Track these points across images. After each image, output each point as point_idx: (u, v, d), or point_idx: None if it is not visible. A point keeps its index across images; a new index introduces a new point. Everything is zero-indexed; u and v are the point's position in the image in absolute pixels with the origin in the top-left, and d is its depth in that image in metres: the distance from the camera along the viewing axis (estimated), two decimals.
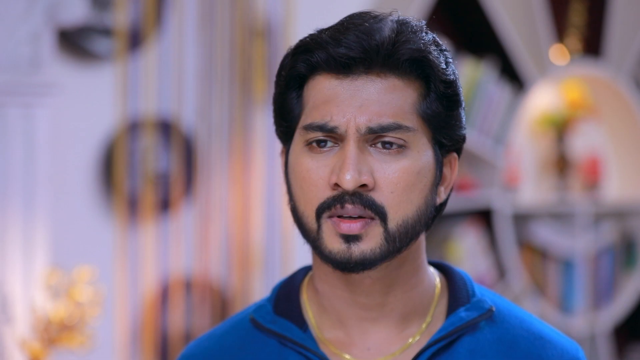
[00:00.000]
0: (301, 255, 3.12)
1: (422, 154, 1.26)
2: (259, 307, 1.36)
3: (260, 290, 3.21)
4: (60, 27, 2.88)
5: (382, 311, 1.29)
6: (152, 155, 3.10)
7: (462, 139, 1.30)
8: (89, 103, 3.01)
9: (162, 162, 3.12)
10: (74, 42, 2.95)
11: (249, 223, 3.22)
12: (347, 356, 1.30)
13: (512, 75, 3.91)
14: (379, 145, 1.24)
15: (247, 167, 3.21)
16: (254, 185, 3.21)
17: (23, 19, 2.67)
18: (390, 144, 1.24)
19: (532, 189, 4.23)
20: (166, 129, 3.11)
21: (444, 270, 1.37)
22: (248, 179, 3.21)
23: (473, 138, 3.77)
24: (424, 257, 1.32)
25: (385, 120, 1.23)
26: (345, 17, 1.27)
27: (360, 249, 1.24)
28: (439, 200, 1.29)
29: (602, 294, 4.32)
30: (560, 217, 4.21)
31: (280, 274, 3.23)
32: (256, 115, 3.22)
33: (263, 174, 3.23)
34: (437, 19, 3.78)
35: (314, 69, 1.26)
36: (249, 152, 3.21)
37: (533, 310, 3.87)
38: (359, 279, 1.28)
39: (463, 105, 1.30)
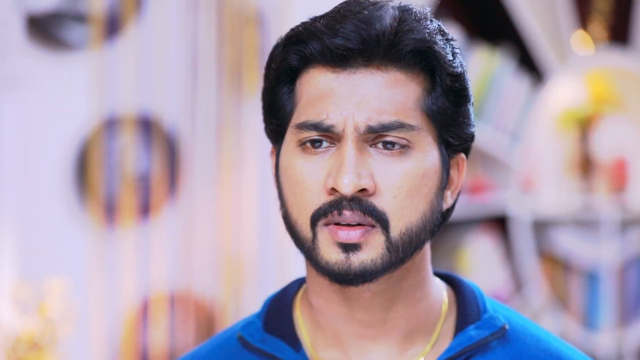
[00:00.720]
0: (297, 265, 3.12)
1: (427, 154, 1.26)
2: (248, 324, 1.36)
3: (251, 305, 3.21)
4: (30, 13, 2.89)
5: (383, 328, 1.29)
6: (131, 155, 3.10)
7: (471, 137, 1.30)
8: (62, 97, 3.02)
9: (142, 162, 3.12)
10: (45, 29, 2.96)
11: (239, 230, 3.22)
12: None
13: (531, 66, 3.91)
14: (380, 145, 1.24)
15: (237, 168, 3.21)
16: (245, 188, 3.21)
17: None
18: (392, 144, 1.24)
19: (552, 193, 4.22)
20: (147, 126, 3.11)
21: (453, 282, 1.37)
22: (238, 181, 3.21)
23: (487, 135, 3.78)
24: (429, 269, 1.32)
25: (387, 118, 1.24)
26: (342, 4, 1.27)
27: (360, 259, 1.24)
28: (445, 206, 1.29)
29: (630, 308, 4.32)
30: (583, 223, 4.21)
31: (274, 287, 3.20)
32: (247, 111, 3.22)
33: (255, 176, 3.23)
34: (448, 3, 3.78)
35: (307, 62, 1.26)
36: (239, 151, 3.21)
37: (554, 327, 3.88)
38: (357, 292, 1.28)
39: (472, 100, 1.30)
